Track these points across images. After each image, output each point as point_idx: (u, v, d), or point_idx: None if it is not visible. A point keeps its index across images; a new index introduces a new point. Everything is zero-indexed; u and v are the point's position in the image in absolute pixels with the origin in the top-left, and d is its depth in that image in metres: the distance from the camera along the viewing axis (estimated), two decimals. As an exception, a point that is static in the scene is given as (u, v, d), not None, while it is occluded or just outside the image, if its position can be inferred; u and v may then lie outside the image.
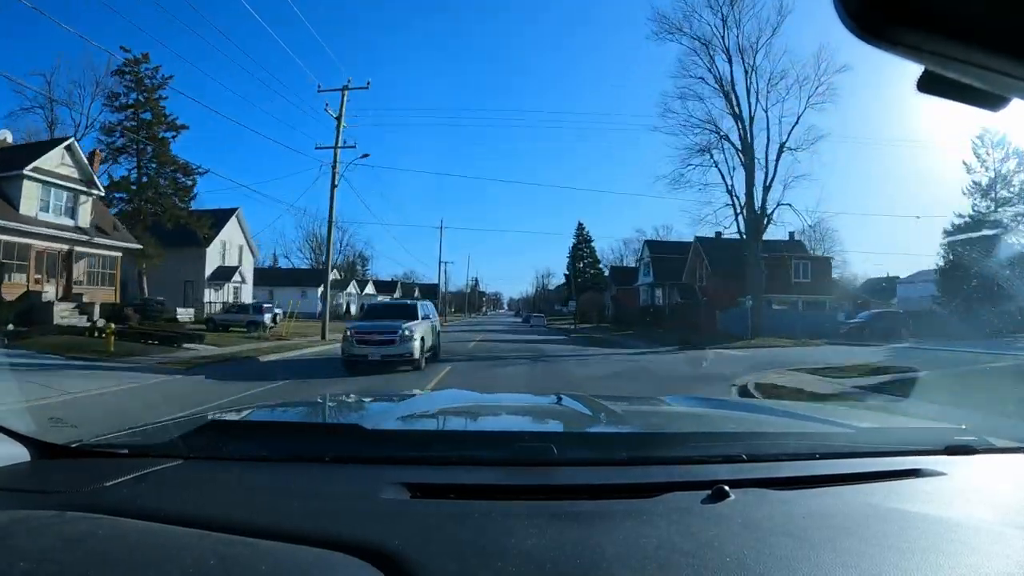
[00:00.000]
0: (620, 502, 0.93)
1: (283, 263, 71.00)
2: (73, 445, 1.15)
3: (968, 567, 0.75)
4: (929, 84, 0.45)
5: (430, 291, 76.18)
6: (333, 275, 57.16)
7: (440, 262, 57.96)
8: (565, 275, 68.66)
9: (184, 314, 28.38)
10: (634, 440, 1.34)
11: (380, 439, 1.24)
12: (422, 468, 1.07)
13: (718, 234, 33.33)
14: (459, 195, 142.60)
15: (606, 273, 62.45)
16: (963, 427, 1.38)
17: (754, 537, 0.81)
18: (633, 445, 1.25)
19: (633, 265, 63.40)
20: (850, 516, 0.90)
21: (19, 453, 1.06)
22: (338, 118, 22.92)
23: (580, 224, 68.08)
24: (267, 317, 25.30)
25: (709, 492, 0.93)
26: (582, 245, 66.80)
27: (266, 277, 54.76)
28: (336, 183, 22.79)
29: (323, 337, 22.17)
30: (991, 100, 0.46)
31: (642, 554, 0.75)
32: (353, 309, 55.08)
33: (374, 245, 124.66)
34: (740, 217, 28.01)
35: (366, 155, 22.50)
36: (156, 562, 0.70)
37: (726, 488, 0.93)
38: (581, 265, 65.28)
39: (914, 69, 0.44)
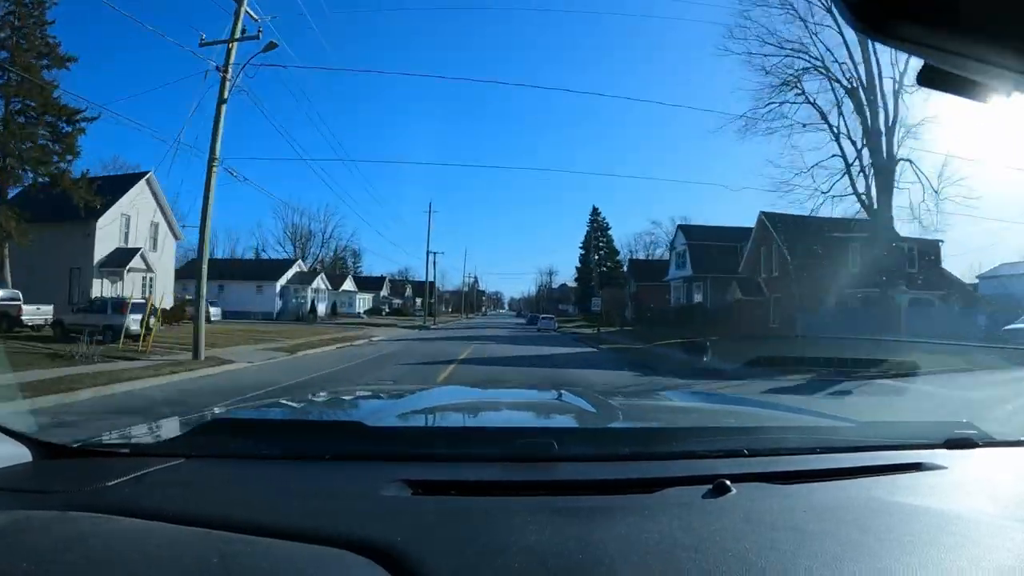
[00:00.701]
0: (621, 497, 0.92)
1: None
2: (74, 445, 1.13)
3: (969, 560, 0.75)
4: (929, 78, 0.46)
5: (423, 289, 67.64)
6: (296, 268, 47.84)
7: (428, 252, 48.16)
8: (577, 268, 58.42)
9: (36, 314, 19.45)
10: (635, 435, 1.33)
11: (381, 436, 1.21)
12: (423, 465, 1.05)
13: (767, 215, 24.25)
14: (456, 182, 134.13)
15: (622, 267, 53.25)
16: (963, 421, 1.36)
17: (755, 531, 0.81)
18: (634, 440, 1.24)
19: (646, 258, 54.82)
20: (851, 510, 0.90)
21: (20, 453, 1.05)
22: (237, -4, 13.78)
23: (595, 209, 58.23)
24: (134, 319, 16.11)
25: (710, 487, 0.92)
26: (598, 234, 56.67)
27: (214, 269, 45.57)
28: (225, 96, 13.62)
29: (196, 356, 13.00)
30: (991, 94, 0.47)
31: (644, 549, 0.75)
32: (321, 309, 45.72)
33: (361, 239, 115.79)
34: (855, 172, 18.86)
35: (272, 45, 13.30)
36: (158, 561, 0.71)
37: (727, 483, 0.92)
38: (597, 257, 55.62)
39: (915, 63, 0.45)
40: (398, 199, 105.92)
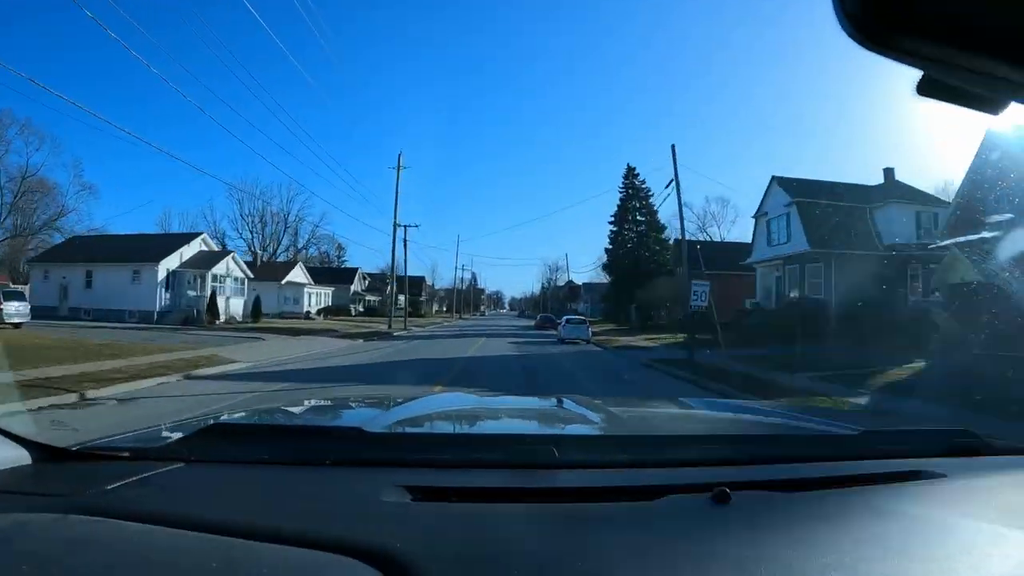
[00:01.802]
0: (622, 505, 0.93)
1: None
2: (74, 448, 1.13)
3: (969, 567, 0.76)
4: (928, 88, 0.46)
5: (414, 285, 54.24)
6: (201, 246, 32.97)
7: (396, 225, 33.98)
8: (607, 250, 42.37)
9: None
10: (636, 442, 1.32)
11: (382, 442, 1.21)
12: (424, 471, 1.06)
13: None
14: (456, 180, 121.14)
15: (667, 251, 39.40)
16: (963, 429, 1.37)
17: (755, 539, 0.81)
18: (635, 447, 1.24)
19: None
20: (851, 518, 0.91)
21: (20, 456, 1.05)
22: None
23: (630, 169, 41.74)
24: None
25: (710, 494, 0.93)
26: (634, 203, 40.92)
27: (79, 249, 31.77)
28: None
29: None
30: (990, 103, 0.47)
31: (644, 557, 0.76)
32: (237, 305, 31.87)
33: (353, 234, 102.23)
34: None
35: None
36: (158, 565, 0.72)
37: (727, 490, 0.93)
38: (632, 235, 40.42)
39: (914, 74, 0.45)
40: (390, 192, 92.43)
